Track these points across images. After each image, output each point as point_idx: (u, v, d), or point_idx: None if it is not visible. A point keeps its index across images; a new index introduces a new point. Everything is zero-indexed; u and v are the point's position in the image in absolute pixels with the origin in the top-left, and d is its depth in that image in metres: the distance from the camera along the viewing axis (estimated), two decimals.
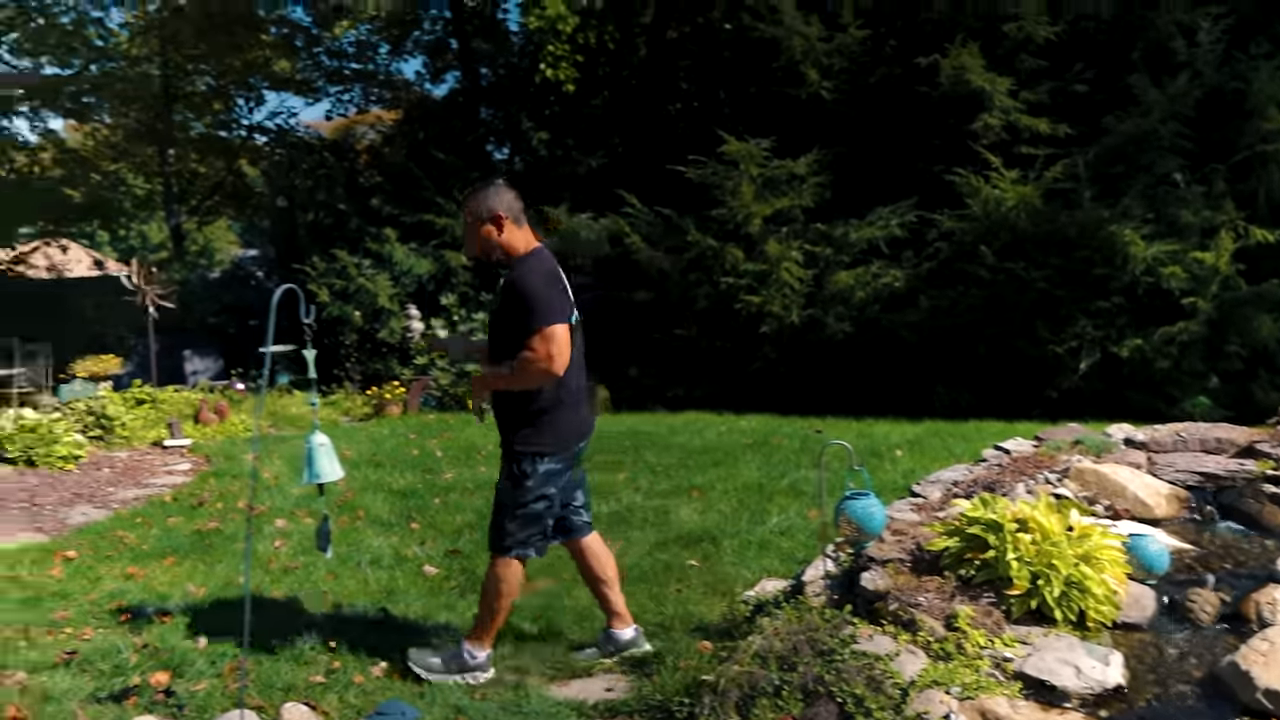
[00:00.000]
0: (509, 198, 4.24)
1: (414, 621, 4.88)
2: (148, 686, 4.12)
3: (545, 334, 3.93)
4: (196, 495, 7.86)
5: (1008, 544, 3.85)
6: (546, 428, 4.12)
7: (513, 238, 4.20)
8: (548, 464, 4.14)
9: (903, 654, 3.50)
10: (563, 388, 4.12)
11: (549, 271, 4.10)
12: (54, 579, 5.81)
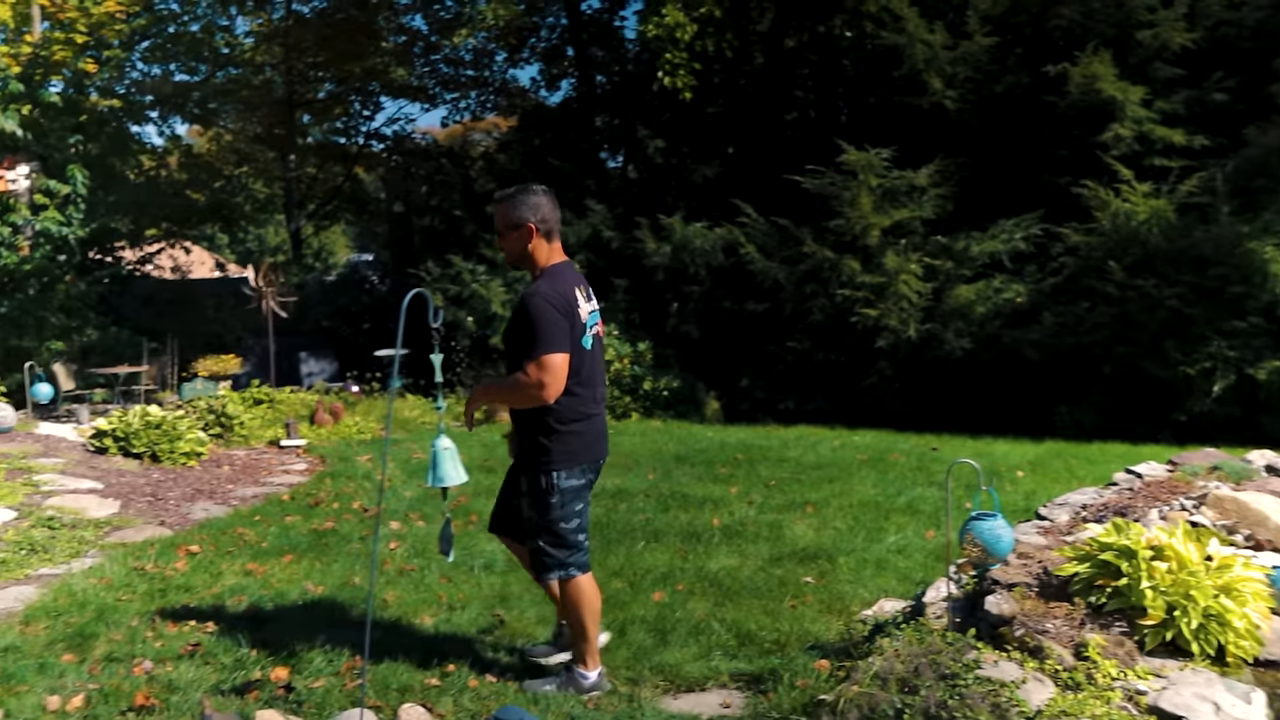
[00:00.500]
0: (545, 209, 4.24)
1: (527, 628, 4.92)
2: (268, 681, 4.23)
3: (541, 362, 3.97)
4: (313, 495, 8.06)
5: (1142, 572, 3.74)
6: (560, 446, 4.12)
7: (537, 250, 4.21)
8: (568, 480, 4.15)
9: (1029, 682, 3.43)
10: (576, 407, 4.14)
11: (562, 295, 4.09)
12: (179, 572, 6.02)
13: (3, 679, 4.39)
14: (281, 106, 23.94)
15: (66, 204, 15.61)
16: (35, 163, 15.82)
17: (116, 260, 19.55)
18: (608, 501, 7.56)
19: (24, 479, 8.27)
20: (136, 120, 21.36)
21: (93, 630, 4.99)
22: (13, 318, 14.94)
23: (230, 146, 26.24)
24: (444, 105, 25.83)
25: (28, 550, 6.59)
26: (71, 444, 9.85)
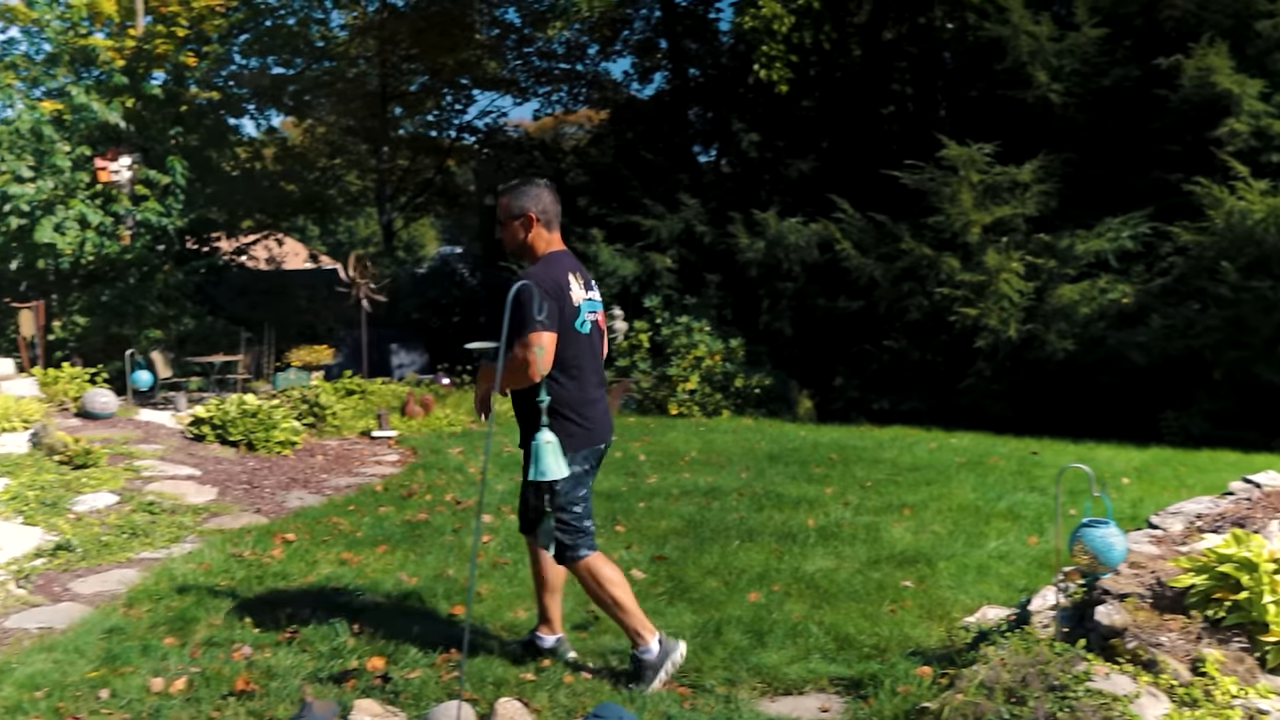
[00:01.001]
0: (546, 200, 4.37)
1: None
2: (365, 671, 4.30)
3: (528, 339, 4.07)
4: (405, 486, 8.17)
5: (1264, 586, 3.64)
6: (559, 432, 4.14)
7: (536, 239, 4.35)
8: (571, 465, 4.19)
9: (1143, 696, 3.36)
10: (572, 393, 4.23)
11: (552, 279, 4.20)
12: (275, 559, 6.15)
13: (109, 659, 4.53)
14: (374, 99, 24.30)
15: (166, 195, 16.03)
16: (137, 154, 16.26)
17: (213, 250, 20.01)
18: (700, 499, 7.56)
19: (125, 464, 8.52)
20: (234, 113, 21.85)
21: (193, 614, 5.12)
22: (114, 306, 15.40)
23: (324, 139, 26.68)
24: (536, 98, 26.02)
25: (129, 534, 6.79)
26: (170, 431, 10.12)
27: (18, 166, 14.95)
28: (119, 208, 15.90)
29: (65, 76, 16.51)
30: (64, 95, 15.94)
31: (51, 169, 15.14)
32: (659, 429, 11.18)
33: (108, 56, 16.76)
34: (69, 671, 4.41)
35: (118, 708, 4.05)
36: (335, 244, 35.60)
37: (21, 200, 14.88)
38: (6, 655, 4.75)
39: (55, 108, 15.86)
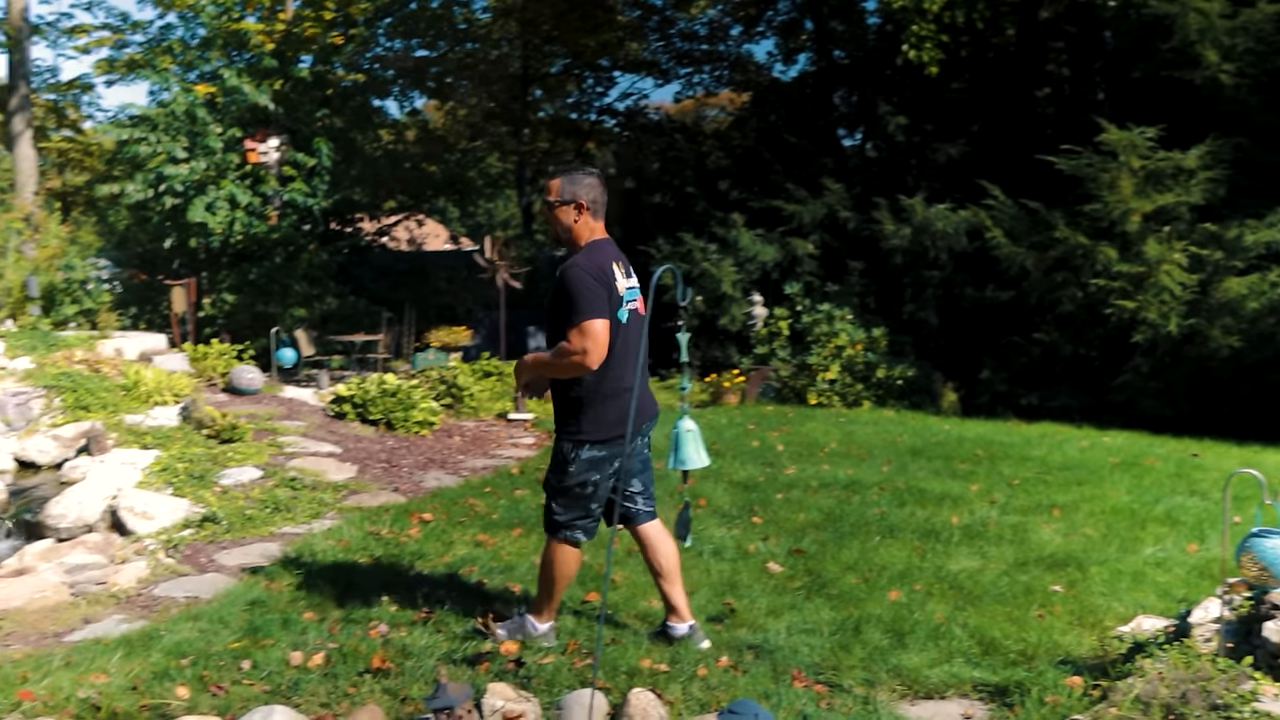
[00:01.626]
0: (597, 190, 4.47)
1: (757, 619, 4.89)
2: (499, 654, 4.34)
3: (582, 328, 4.17)
4: (540, 470, 8.21)
5: None
6: (588, 416, 4.33)
7: (583, 227, 4.44)
8: (590, 451, 4.35)
9: None
10: (607, 379, 4.31)
11: (598, 267, 4.30)
12: (412, 539, 6.27)
13: (251, 631, 4.68)
14: (515, 81, 24.62)
15: (312, 176, 16.50)
16: (285, 136, 16.76)
17: (356, 231, 20.52)
18: (840, 493, 7.46)
19: (269, 440, 8.80)
20: (379, 95, 22.36)
21: (332, 590, 5.25)
22: (261, 284, 15.92)
23: (465, 121, 27.15)
24: (677, 80, 26.04)
25: (272, 508, 7.00)
26: (312, 408, 10.41)
27: (173, 148, 15.56)
28: (267, 188, 16.43)
29: (218, 60, 17.10)
30: (216, 78, 16.54)
31: (204, 150, 15.72)
32: (798, 419, 11.07)
33: (258, 40, 17.32)
34: (213, 641, 4.56)
35: (258, 679, 4.17)
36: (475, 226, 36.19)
37: (176, 180, 15.49)
38: (155, 622, 4.94)
39: (208, 91, 16.46)
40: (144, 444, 8.37)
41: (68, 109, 28.81)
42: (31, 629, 5.10)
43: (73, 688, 4.05)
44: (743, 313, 15.73)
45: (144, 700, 3.97)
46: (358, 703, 3.95)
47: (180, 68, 17.77)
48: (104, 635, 4.78)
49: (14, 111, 21.88)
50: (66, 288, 16.19)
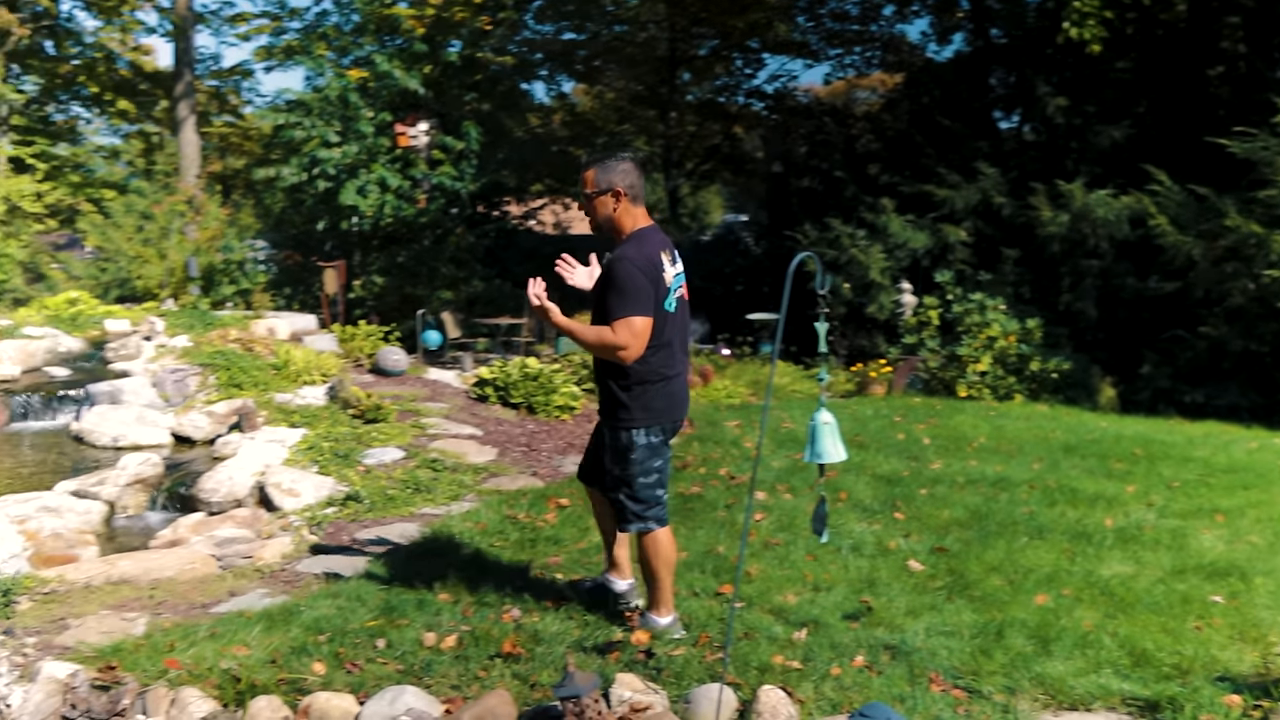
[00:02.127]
0: (633, 174, 4.45)
1: (895, 618, 4.79)
2: (629, 644, 4.34)
3: (626, 323, 4.27)
4: (679, 458, 8.22)
5: None
6: (639, 404, 4.43)
7: (624, 215, 4.45)
8: (646, 436, 4.45)
9: None
10: (654, 367, 4.41)
11: (647, 259, 4.35)
12: (548, 524, 6.32)
13: (386, 610, 4.77)
14: (662, 64, 24.63)
15: (460, 159, 16.79)
16: (434, 120, 17.09)
17: (503, 214, 20.84)
18: (987, 490, 7.26)
19: (413, 421, 8.99)
20: (526, 78, 22.64)
21: (467, 573, 5.32)
22: (409, 267, 16.29)
23: (612, 104, 27.29)
24: (827, 61, 25.69)
25: (413, 489, 7.15)
26: (455, 390, 10.59)
27: (326, 132, 16.02)
28: (416, 172, 16.79)
29: (370, 45, 17.52)
30: (368, 63, 16.96)
31: (356, 134, 16.13)
32: (945, 411, 10.81)
33: (409, 25, 17.68)
34: (350, 619, 4.67)
35: (392, 658, 4.26)
36: None
37: (329, 164, 15.94)
38: (296, 597, 5.09)
39: (360, 75, 16.88)
40: (292, 422, 8.64)
41: (229, 95, 29.96)
42: (181, 599, 5.30)
43: (215, 658, 4.19)
44: (891, 301, 15.46)
45: (281, 674, 4.09)
46: (487, 686, 4.00)
47: (334, 53, 18.27)
48: (247, 608, 4.94)
49: (179, 98, 22.82)
50: (225, 268, 16.83)
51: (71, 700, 3.89)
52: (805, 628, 4.58)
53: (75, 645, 4.55)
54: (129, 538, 6.87)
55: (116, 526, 7.08)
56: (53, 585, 5.49)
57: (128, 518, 7.25)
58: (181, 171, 22.28)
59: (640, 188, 4.49)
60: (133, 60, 27.99)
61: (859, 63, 25.34)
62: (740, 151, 28.09)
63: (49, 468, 8.36)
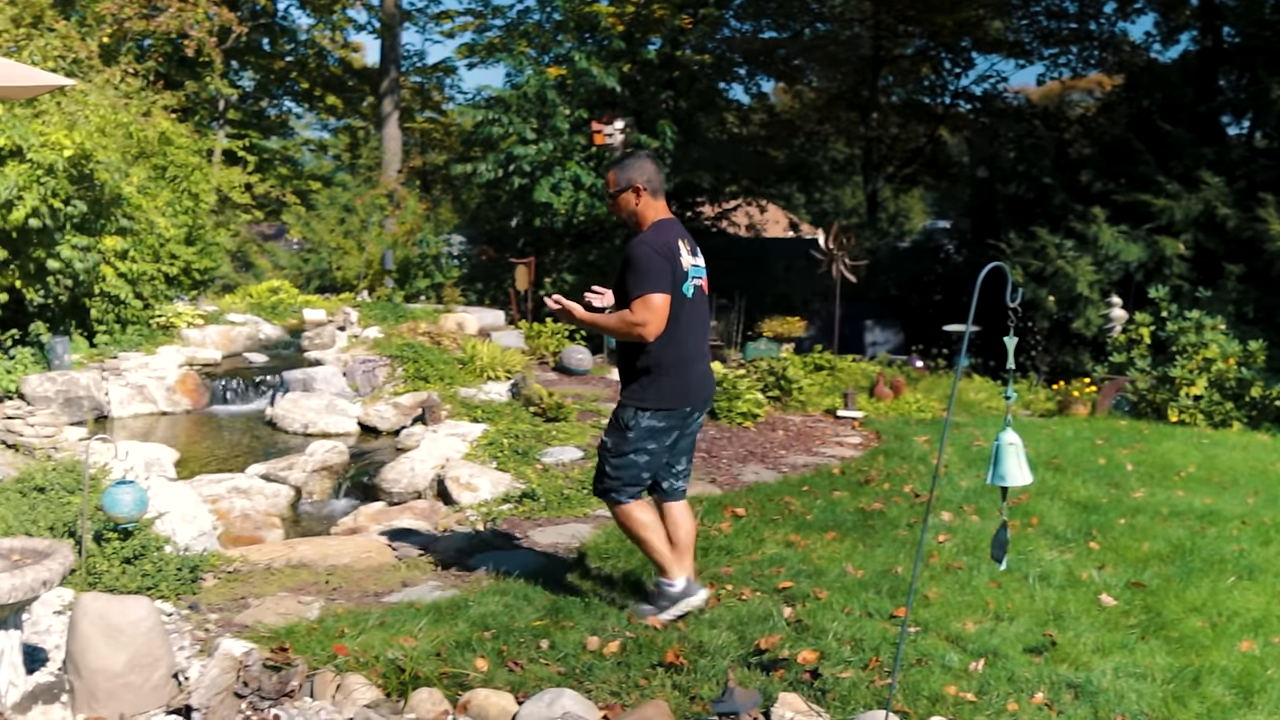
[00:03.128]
0: (650, 170, 4.84)
1: (1082, 655, 4.58)
2: (795, 662, 4.28)
3: (644, 300, 4.59)
4: (864, 472, 8.09)
5: None
6: (651, 386, 4.73)
7: (645, 209, 4.82)
8: (650, 419, 4.74)
9: None
10: (670, 351, 4.71)
11: (664, 244, 4.69)
12: (722, 533, 6.29)
13: (552, 611, 4.83)
14: (866, 64, 24.33)
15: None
16: (630, 118, 17.27)
17: (696, 214, 20.90)
18: (1193, 523, 6.89)
19: (593, 421, 9.09)
20: (724, 77, 22.65)
21: (635, 578, 5.35)
22: (599, 265, 16.50)
23: (811, 105, 27.09)
24: (1040, 62, 24.90)
25: (588, 490, 7.22)
26: None
27: (523, 129, 16.37)
28: None
29: (569, 43, 17.82)
30: (567, 61, 17.25)
31: (552, 131, 16.44)
32: (1153, 436, 10.33)
33: (609, 23, 17.91)
34: (516, 617, 4.74)
35: (554, 659, 4.30)
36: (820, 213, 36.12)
37: (524, 161, 16.29)
38: (466, 592, 5.20)
39: (559, 73, 17.19)
40: (474, 417, 8.86)
41: (431, 91, 30.99)
42: (355, 586, 5.49)
43: (382, 647, 4.32)
44: (1099, 316, 14.86)
45: (444, 668, 4.18)
46: (647, 695, 4.00)
47: (534, 51, 18.67)
48: (417, 600, 5.07)
49: (384, 94, 23.73)
50: (420, 262, 17.40)
51: (244, 678, 4.05)
52: (983, 658, 4.42)
53: (253, 624, 4.76)
54: (312, 523, 7.17)
55: (301, 511, 7.39)
56: (236, 565, 5.77)
57: (312, 503, 7.56)
58: (383, 166, 23.19)
59: (659, 181, 4.86)
60: (342, 57, 29.28)
61: (1075, 63, 24.47)
62: (944, 155, 27.52)
63: (242, 450, 8.80)
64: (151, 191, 12.40)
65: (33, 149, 9.75)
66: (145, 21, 18.64)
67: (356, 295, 16.00)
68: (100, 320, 11.07)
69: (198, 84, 22.20)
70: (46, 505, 5.77)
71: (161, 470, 7.53)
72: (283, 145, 30.04)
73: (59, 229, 10.11)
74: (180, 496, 6.24)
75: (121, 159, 11.60)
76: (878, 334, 18.41)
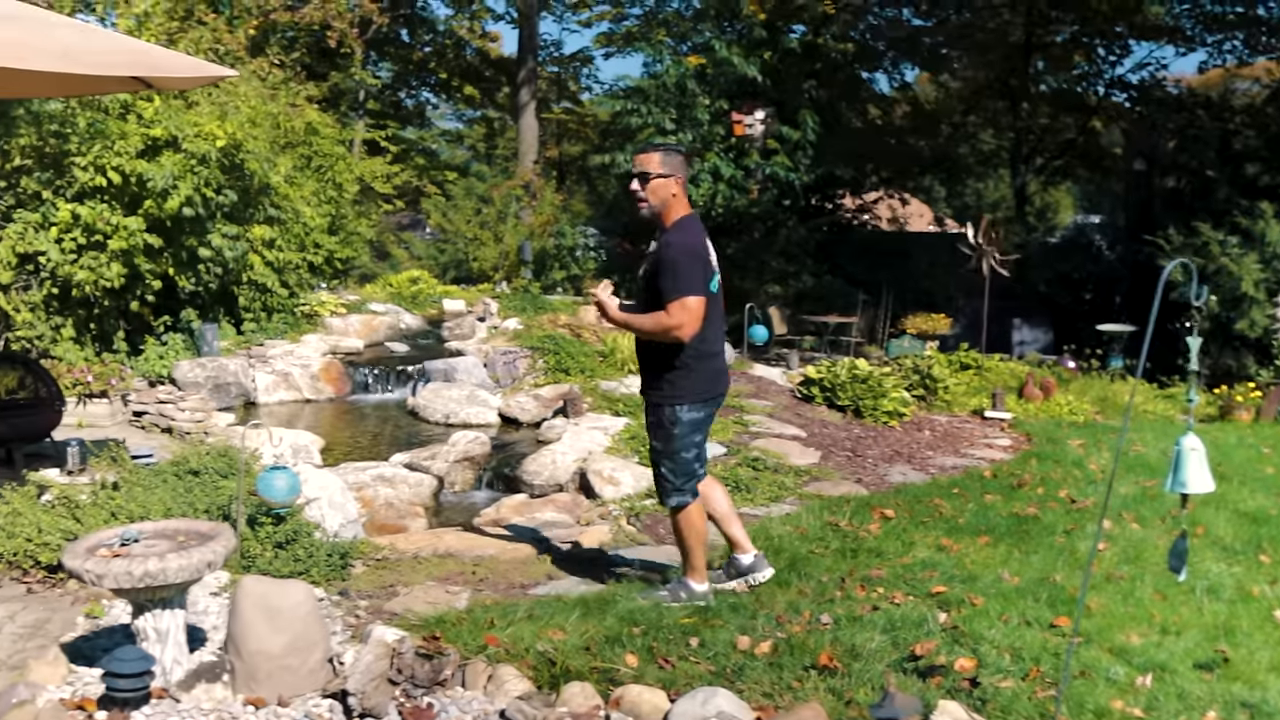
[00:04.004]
0: (687, 167, 5.03)
1: (1256, 674, 4.44)
2: (952, 670, 4.23)
3: (682, 303, 4.76)
4: (1016, 476, 7.95)
5: None
6: (684, 381, 4.93)
7: (676, 202, 4.97)
8: (690, 412, 4.94)
9: None
10: (700, 346, 4.91)
11: (700, 244, 4.90)
12: (871, 534, 6.25)
13: (701, 609, 4.86)
14: (1016, 51, 23.77)
15: (795, 149, 16.82)
16: (770, 108, 17.20)
17: (836, 208, 20.73)
18: None
19: (735, 417, 9.09)
20: (867, 66, 22.40)
21: (784, 579, 5.34)
22: (737, 259, 16.48)
23: (957, 95, 26.60)
24: (1203, 49, 24.00)
25: (732, 487, 7.23)
26: (780, 388, 10.65)
27: (662, 119, 16.43)
28: (749, 161, 16.95)
29: (709, 31, 17.81)
30: (707, 50, 17.24)
31: (691, 122, 16.46)
32: None
33: (750, 10, 17.85)
34: (664, 613, 4.78)
35: (704, 658, 4.32)
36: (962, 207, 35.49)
37: None
38: (612, 586, 5.26)
39: (698, 62, 17.19)
40: (615, 410, 8.94)
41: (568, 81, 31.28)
42: (501, 578, 5.59)
43: (532, 640, 4.39)
44: (1265, 317, 14.33)
45: (595, 662, 4.23)
46: (800, 698, 3.99)
47: (673, 39, 18.70)
48: (564, 593, 5.15)
49: (521, 83, 24.04)
50: (556, 253, 17.60)
51: (398, 665, 4.16)
52: (1150, 673, 4.31)
53: (403, 612, 4.89)
54: (454, 513, 7.33)
55: (444, 501, 7.56)
56: (384, 553, 5.93)
57: (455, 493, 7.73)
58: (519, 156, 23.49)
59: (687, 178, 5.06)
60: (479, 47, 29.75)
61: (1240, 49, 23.55)
62: (1097, 147, 26.74)
63: (384, 439, 9.03)
64: (298, 181, 12.79)
65: (187, 139, 10.15)
66: (290, 13, 19.21)
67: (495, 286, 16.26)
68: (247, 308, 11.47)
69: (341, 75, 22.77)
70: (201, 489, 6.01)
71: (308, 457, 7.78)
72: (419, 135, 30.65)
73: (210, 217, 10.50)
74: (328, 483, 6.43)
75: (269, 149, 11.98)
76: (1025, 333, 18.04)
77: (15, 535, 5.35)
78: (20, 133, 9.82)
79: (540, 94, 26.47)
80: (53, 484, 5.98)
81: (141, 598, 4.11)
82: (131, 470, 6.15)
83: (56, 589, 5.21)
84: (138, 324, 10.60)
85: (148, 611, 4.15)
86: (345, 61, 22.53)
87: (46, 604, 5.03)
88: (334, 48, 20.86)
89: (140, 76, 5.87)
